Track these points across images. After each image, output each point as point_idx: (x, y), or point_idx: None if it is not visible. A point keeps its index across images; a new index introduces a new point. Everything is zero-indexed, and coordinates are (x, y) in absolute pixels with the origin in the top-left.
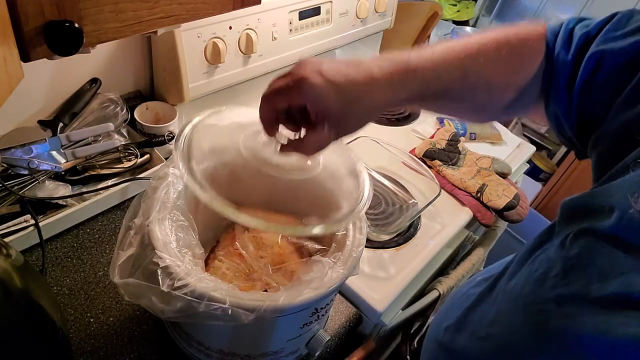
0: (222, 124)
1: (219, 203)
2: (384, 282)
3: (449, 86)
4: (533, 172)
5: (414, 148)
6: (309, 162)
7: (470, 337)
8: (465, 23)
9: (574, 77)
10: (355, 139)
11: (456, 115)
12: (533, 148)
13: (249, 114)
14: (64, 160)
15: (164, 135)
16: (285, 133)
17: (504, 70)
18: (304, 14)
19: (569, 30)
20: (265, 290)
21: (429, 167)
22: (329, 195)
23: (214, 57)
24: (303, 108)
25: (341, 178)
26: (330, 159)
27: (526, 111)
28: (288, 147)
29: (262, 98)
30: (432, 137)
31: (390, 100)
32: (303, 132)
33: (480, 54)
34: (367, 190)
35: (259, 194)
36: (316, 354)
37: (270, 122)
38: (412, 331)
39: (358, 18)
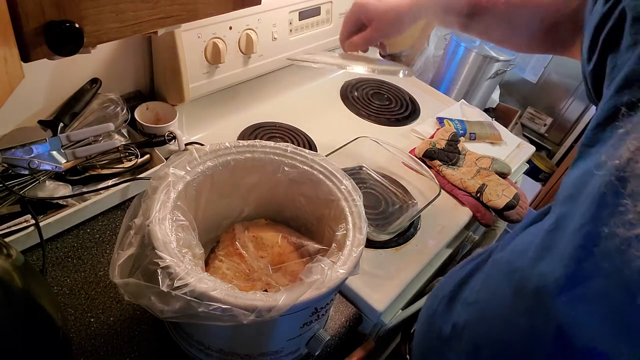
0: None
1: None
2: (384, 282)
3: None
4: (533, 172)
5: (414, 148)
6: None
7: (461, 305)
8: None
9: (604, 24)
10: (356, 139)
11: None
12: (533, 148)
13: None
14: (64, 160)
15: (164, 135)
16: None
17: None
18: (304, 14)
19: None
20: (265, 290)
21: (429, 167)
22: (327, 192)
23: (214, 57)
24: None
25: (339, 179)
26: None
27: (565, 51)
28: (348, 45)
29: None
30: (432, 137)
31: (408, 11)
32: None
33: None
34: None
35: (261, 191)
36: (316, 354)
37: (346, 34)
38: (412, 331)
39: None
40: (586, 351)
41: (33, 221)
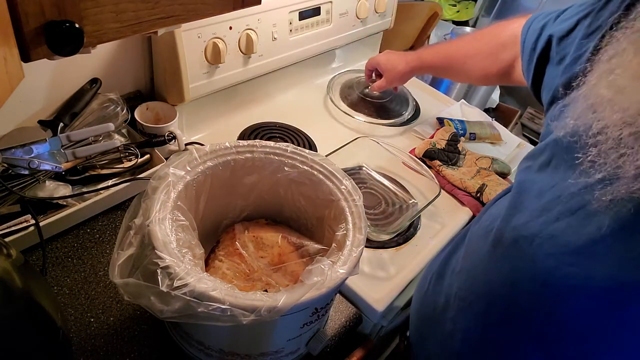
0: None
1: None
2: (384, 282)
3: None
4: None
5: (414, 148)
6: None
7: (450, 277)
8: (464, 23)
9: (535, 47)
10: (356, 139)
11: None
12: (532, 148)
13: None
14: (65, 160)
15: (164, 135)
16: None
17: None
18: (304, 14)
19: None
20: (265, 290)
21: (429, 167)
22: (327, 193)
23: (214, 57)
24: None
25: (339, 180)
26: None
27: (509, 80)
28: (371, 88)
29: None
30: (432, 137)
31: (406, 72)
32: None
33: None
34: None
35: (261, 191)
36: (316, 354)
37: (368, 75)
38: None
39: (358, 18)
40: (562, 283)
41: (33, 221)
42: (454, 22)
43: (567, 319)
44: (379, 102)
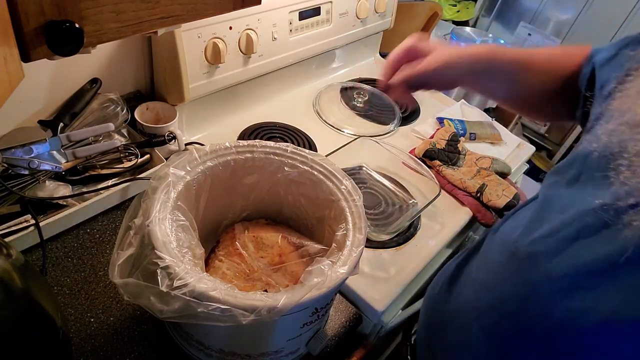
0: None
1: None
2: (384, 282)
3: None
4: (533, 172)
5: (414, 148)
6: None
7: (461, 286)
8: (465, 23)
9: (585, 78)
10: (355, 139)
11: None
12: (533, 148)
13: None
14: (65, 160)
15: (164, 135)
16: None
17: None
18: (304, 14)
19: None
20: (265, 291)
21: (429, 167)
22: (327, 193)
23: (214, 57)
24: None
25: (339, 179)
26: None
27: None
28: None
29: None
30: (432, 137)
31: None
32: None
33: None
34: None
35: (261, 191)
36: (316, 354)
37: (389, 73)
38: (412, 332)
39: (358, 18)
40: (575, 304)
41: (33, 221)
42: (454, 22)
43: (576, 335)
44: (365, 113)
